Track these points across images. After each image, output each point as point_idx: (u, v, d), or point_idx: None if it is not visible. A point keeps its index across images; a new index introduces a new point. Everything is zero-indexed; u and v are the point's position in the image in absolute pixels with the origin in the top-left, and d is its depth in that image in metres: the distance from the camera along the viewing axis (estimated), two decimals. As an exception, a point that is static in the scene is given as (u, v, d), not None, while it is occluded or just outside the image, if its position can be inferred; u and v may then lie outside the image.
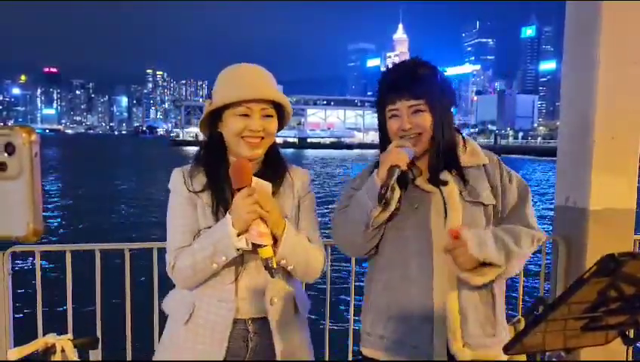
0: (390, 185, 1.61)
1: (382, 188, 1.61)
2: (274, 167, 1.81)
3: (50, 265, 6.58)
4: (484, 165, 1.80)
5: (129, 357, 2.98)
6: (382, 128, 1.82)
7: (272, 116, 1.73)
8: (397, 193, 1.68)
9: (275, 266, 1.59)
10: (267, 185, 1.67)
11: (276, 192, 1.77)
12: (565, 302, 0.82)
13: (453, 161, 1.77)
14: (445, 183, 1.74)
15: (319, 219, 1.92)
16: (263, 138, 1.72)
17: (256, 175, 1.69)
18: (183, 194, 1.75)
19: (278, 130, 1.79)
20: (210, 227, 1.69)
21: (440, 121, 1.72)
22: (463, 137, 1.84)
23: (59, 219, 18.73)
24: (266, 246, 1.59)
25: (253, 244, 1.61)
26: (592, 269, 0.77)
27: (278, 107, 1.76)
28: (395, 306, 1.77)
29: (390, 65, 1.83)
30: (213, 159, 1.77)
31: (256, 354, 1.77)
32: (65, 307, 2.90)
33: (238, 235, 1.61)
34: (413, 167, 1.74)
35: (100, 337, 2.77)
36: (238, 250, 1.62)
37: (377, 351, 1.81)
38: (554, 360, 1.54)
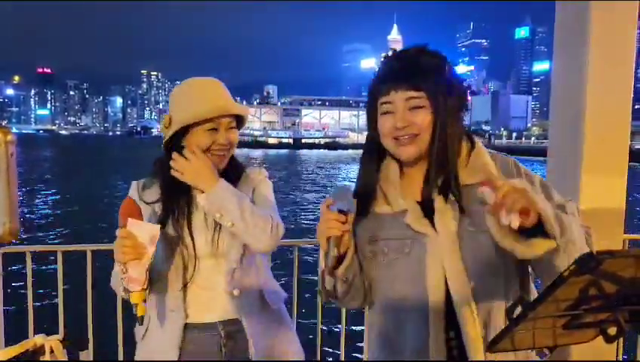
0: (332, 258, 1.33)
1: (324, 273, 1.35)
2: (232, 171, 1.85)
3: (42, 266, 6.55)
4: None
5: (120, 358, 2.97)
6: (370, 132, 1.50)
7: (234, 128, 1.80)
8: (349, 251, 1.38)
9: (140, 314, 1.58)
10: (150, 229, 1.59)
11: (235, 185, 1.80)
12: (545, 301, 0.83)
13: (449, 181, 1.40)
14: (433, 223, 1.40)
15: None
16: (228, 149, 1.78)
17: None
18: None
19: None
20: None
21: (442, 123, 1.37)
22: (473, 144, 1.47)
23: (51, 220, 18.64)
24: (134, 291, 1.57)
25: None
26: (571, 268, 0.78)
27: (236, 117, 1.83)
28: (390, 356, 1.49)
29: (389, 55, 1.48)
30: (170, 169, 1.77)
31: (233, 359, 1.76)
32: (56, 307, 2.90)
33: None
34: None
35: (90, 338, 2.77)
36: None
37: None
38: (539, 359, 1.54)
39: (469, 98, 1.49)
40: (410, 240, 1.41)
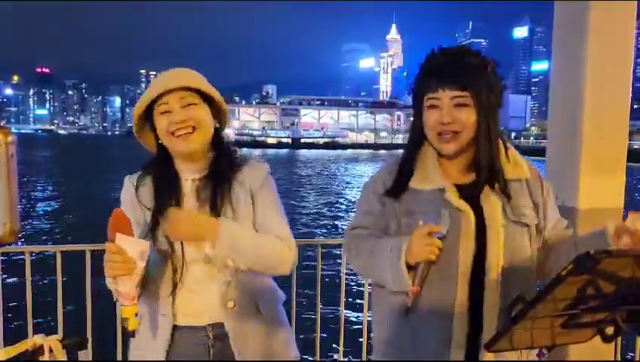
0: (421, 279, 1.45)
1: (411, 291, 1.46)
2: (224, 163, 1.74)
3: (41, 266, 6.56)
4: (526, 179, 1.59)
5: (119, 358, 2.97)
6: (416, 120, 1.58)
7: (196, 104, 1.67)
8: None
9: (132, 328, 1.52)
10: (140, 244, 1.54)
11: (229, 189, 1.71)
12: (543, 300, 0.83)
13: (495, 171, 1.54)
14: (478, 200, 1.52)
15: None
16: (194, 128, 1.65)
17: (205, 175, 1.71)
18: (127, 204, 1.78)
19: (222, 125, 1.77)
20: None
21: (485, 120, 1.49)
22: (505, 144, 1.61)
23: (50, 220, 18.61)
24: (125, 306, 1.52)
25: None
26: (569, 267, 0.78)
27: (210, 101, 1.71)
28: (408, 343, 1.56)
29: (436, 50, 1.57)
30: (160, 169, 1.75)
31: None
32: (55, 308, 2.89)
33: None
34: None
35: (89, 338, 2.76)
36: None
37: None
38: (536, 359, 1.55)
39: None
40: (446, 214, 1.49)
